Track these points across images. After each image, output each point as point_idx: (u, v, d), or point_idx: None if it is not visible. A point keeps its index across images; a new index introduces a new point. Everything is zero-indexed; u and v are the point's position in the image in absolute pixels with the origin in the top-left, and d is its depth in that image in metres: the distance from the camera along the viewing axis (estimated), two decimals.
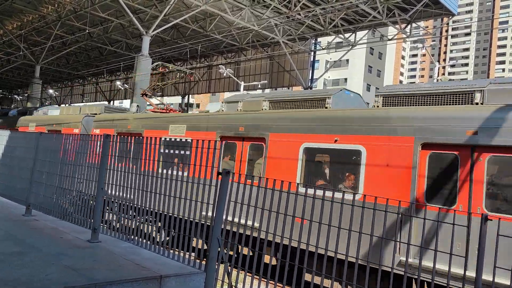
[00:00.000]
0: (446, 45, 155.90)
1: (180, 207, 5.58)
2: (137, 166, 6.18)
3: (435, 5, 25.37)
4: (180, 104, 45.96)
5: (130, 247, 5.97)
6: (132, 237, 6.10)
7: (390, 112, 7.56)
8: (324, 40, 37.95)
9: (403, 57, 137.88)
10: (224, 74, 27.17)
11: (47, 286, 4.06)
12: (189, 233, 5.43)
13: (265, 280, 8.80)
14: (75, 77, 55.67)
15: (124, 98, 50.53)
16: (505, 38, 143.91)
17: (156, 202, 5.90)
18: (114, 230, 6.48)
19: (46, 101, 58.09)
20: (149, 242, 5.83)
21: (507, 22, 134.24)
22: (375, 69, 75.85)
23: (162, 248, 5.62)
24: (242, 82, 37.80)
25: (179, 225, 5.57)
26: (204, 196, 5.34)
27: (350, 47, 30.96)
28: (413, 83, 13.28)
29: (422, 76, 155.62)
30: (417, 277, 4.60)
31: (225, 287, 7.01)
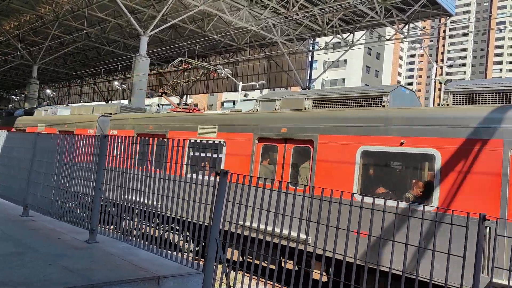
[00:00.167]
0: (443, 46, 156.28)
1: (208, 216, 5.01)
2: (161, 170, 5.71)
3: (433, 6, 25.43)
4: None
5: (128, 248, 5.97)
6: (130, 237, 6.09)
7: (470, 112, 6.81)
8: (322, 41, 38.06)
9: (401, 58, 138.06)
10: (222, 75, 27.13)
11: (45, 287, 4.05)
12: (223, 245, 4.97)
13: (263, 280, 8.78)
14: (72, 77, 55.53)
15: (122, 98, 50.39)
16: (503, 39, 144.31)
17: (184, 209, 5.40)
18: (112, 231, 6.47)
19: (44, 102, 57.95)
20: (147, 243, 5.82)
21: (504, 23, 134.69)
22: (373, 69, 76.03)
23: (160, 249, 5.61)
24: (240, 83, 37.79)
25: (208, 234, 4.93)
26: (241, 204, 4.82)
27: (348, 47, 31.00)
28: (483, 79, 11.46)
29: (420, 77, 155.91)
30: None
31: None
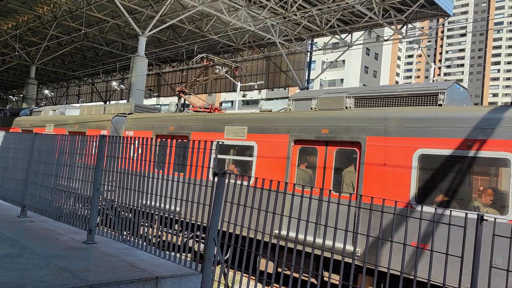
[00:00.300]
0: (441, 46, 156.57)
1: (244, 223, 4.82)
2: (184, 174, 5.51)
3: (431, 6, 25.47)
4: (177, 104, 45.85)
5: (126, 248, 5.96)
6: (128, 238, 6.08)
7: None
8: (320, 41, 38.07)
9: (399, 58, 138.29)
10: (221, 74, 27.12)
11: None
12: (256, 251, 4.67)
13: (261, 281, 8.77)
14: (70, 77, 55.46)
15: (120, 99, 50.35)
16: (500, 39, 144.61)
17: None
18: (110, 231, 6.45)
19: (42, 102, 57.85)
20: (144, 243, 5.80)
21: (502, 23, 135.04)
22: (371, 69, 76.10)
23: (157, 249, 5.60)
24: (239, 83, 37.80)
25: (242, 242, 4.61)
26: (274, 215, 4.54)
27: (346, 47, 31.02)
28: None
29: (418, 77, 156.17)
30: None
31: None
